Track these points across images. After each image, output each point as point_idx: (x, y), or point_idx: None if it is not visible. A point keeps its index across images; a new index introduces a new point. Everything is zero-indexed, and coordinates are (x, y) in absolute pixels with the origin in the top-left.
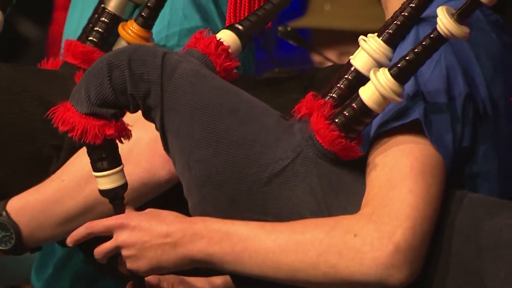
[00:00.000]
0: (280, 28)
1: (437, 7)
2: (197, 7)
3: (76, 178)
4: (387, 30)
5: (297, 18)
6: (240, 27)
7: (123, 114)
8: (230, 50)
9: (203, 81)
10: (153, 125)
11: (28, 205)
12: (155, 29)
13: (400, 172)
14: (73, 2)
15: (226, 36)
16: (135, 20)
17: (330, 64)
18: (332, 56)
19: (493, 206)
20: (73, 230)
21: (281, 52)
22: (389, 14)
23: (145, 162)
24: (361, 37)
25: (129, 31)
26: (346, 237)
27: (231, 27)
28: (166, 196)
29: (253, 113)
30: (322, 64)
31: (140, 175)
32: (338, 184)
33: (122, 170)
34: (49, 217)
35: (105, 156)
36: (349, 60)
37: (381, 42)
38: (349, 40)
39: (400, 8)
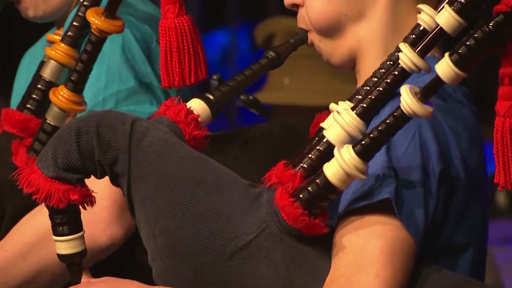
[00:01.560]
0: (242, 97)
1: (413, 81)
2: (133, 69)
3: (18, 248)
4: (361, 104)
5: (257, 91)
6: (211, 96)
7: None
8: (200, 119)
9: (171, 151)
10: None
11: None
12: (91, 91)
13: (370, 254)
14: (18, 73)
15: (197, 105)
16: (65, 85)
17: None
18: None
19: (455, 285)
20: None
21: (243, 121)
22: (360, 78)
23: (85, 228)
24: (334, 107)
25: (60, 96)
26: None
27: (202, 96)
28: (130, 261)
29: (219, 185)
30: None
31: None
32: (302, 261)
33: (82, 236)
34: None
35: (67, 221)
36: (322, 130)
37: (355, 115)
38: (309, 115)
39: (373, 76)
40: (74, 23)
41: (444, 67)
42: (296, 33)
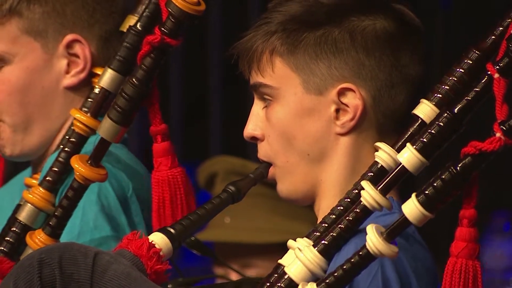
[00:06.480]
0: None
1: (375, 219)
2: (108, 217)
3: None
4: (323, 241)
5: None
6: (172, 230)
7: None
8: (161, 253)
9: (133, 285)
10: None
11: None
12: (66, 238)
13: None
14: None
15: (158, 239)
16: (42, 229)
17: (239, 276)
18: (234, 267)
19: None
20: None
21: (185, 263)
22: (320, 217)
23: None
24: (293, 244)
25: (37, 240)
26: None
27: (163, 230)
28: None
29: None
30: (224, 275)
31: None
32: None
33: None
34: None
35: None
36: (283, 267)
37: (317, 253)
38: (251, 253)
39: (331, 213)
40: (54, 168)
41: (411, 208)
42: (256, 168)
